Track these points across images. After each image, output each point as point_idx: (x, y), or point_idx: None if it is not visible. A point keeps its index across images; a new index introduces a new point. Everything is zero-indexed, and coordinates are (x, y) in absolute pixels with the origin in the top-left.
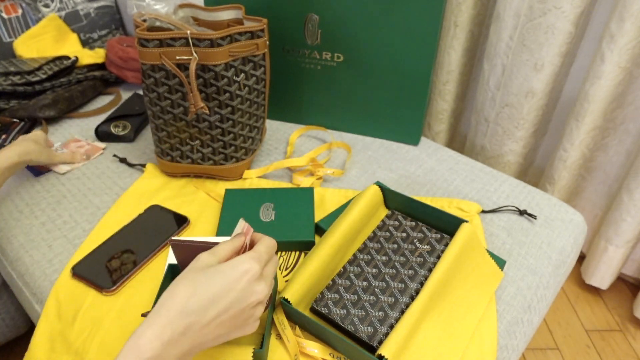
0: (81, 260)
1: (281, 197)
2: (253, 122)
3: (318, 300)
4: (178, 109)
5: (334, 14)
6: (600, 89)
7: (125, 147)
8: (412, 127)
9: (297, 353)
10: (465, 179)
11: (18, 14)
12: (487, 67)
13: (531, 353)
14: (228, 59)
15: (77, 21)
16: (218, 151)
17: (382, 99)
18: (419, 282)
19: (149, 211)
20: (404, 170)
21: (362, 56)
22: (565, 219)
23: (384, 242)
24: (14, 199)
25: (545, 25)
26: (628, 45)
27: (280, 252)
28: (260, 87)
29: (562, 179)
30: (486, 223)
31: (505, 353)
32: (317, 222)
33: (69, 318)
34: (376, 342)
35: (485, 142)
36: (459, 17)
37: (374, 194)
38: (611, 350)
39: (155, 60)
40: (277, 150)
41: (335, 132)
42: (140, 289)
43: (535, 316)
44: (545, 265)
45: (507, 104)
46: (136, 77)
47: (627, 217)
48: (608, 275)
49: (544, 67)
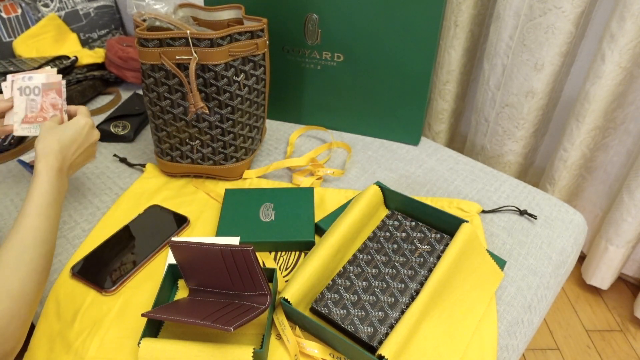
0: (81, 261)
1: (281, 197)
2: (253, 122)
3: (318, 300)
4: (178, 109)
5: (334, 14)
6: (601, 89)
7: (125, 147)
8: (412, 127)
9: (297, 353)
10: (465, 179)
11: (17, 14)
12: (487, 67)
13: (531, 353)
14: (228, 58)
15: (76, 21)
16: (218, 151)
17: (382, 99)
18: (419, 282)
19: (148, 211)
20: (404, 170)
21: (362, 56)
22: (565, 219)
23: (384, 242)
24: (14, 199)
25: (545, 25)
26: (629, 44)
27: (280, 252)
28: (260, 87)
29: (562, 179)
30: (486, 223)
31: (505, 353)
32: (317, 222)
33: (69, 318)
34: (376, 343)
35: (486, 142)
36: (459, 16)
37: (374, 194)
38: (612, 350)
39: (155, 60)
40: (277, 150)
41: (335, 132)
42: (140, 289)
43: (536, 316)
44: (546, 265)
45: (507, 104)
46: (136, 76)
47: (628, 217)
48: (608, 275)
49: (544, 67)
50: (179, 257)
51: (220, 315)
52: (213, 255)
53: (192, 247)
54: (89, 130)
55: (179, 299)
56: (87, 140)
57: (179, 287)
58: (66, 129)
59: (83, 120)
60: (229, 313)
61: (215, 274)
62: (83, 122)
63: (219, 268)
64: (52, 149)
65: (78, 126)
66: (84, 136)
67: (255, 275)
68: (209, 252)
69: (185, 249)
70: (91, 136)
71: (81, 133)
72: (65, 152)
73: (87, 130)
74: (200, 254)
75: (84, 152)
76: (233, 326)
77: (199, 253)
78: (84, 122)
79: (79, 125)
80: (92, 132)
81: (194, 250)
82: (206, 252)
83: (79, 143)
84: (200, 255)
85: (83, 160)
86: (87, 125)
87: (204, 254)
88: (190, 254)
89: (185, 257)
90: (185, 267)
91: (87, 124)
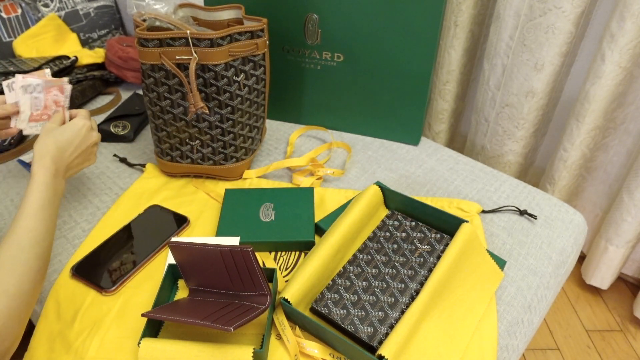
0: (81, 261)
1: (281, 197)
2: (253, 122)
3: (318, 300)
4: (178, 109)
5: (334, 13)
6: (601, 89)
7: (125, 147)
8: (412, 127)
9: (297, 353)
10: (465, 179)
11: (17, 14)
12: (487, 67)
13: (531, 353)
14: (228, 58)
15: (76, 21)
16: (218, 151)
17: (382, 99)
18: (419, 282)
19: (148, 211)
20: (404, 170)
21: (362, 56)
22: (565, 219)
23: (384, 242)
24: (14, 199)
25: (545, 25)
26: (629, 44)
27: (280, 252)
28: (260, 87)
29: (562, 179)
30: (486, 223)
31: (505, 353)
32: (317, 222)
33: (69, 318)
34: (376, 343)
35: (486, 142)
36: (459, 16)
37: (374, 194)
38: (612, 350)
39: (155, 60)
40: (277, 150)
41: (335, 132)
42: (140, 289)
43: (536, 316)
44: (546, 265)
45: (507, 104)
46: (136, 76)
47: (628, 217)
48: (608, 275)
49: (544, 67)
50: (179, 257)
51: (220, 315)
52: (212, 256)
53: (192, 247)
54: (86, 132)
55: (178, 299)
56: (85, 142)
57: (179, 287)
58: (64, 130)
59: (81, 122)
60: (229, 313)
61: (215, 274)
62: (81, 123)
63: (218, 268)
64: (48, 151)
65: (76, 128)
66: (81, 138)
67: (255, 275)
68: (209, 252)
69: (184, 250)
70: (89, 138)
71: (78, 134)
72: (61, 153)
73: (85, 132)
74: (199, 254)
75: (82, 154)
76: (233, 326)
77: (198, 253)
78: (82, 124)
79: (76, 127)
80: (90, 134)
81: (194, 250)
82: (206, 253)
83: (76, 145)
84: (199, 256)
85: (81, 163)
86: (85, 127)
87: (204, 254)
88: (189, 255)
89: (184, 257)
90: (185, 268)
91: (84, 125)
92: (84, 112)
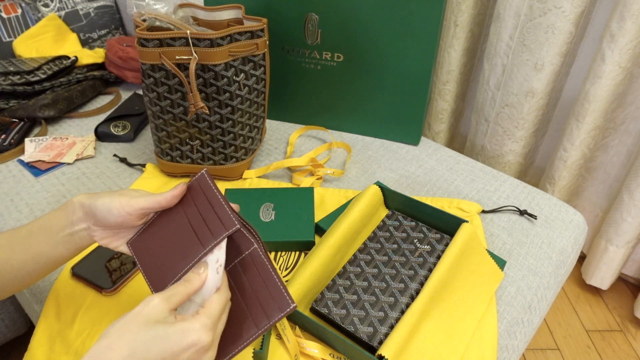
0: (81, 261)
1: (281, 197)
2: (253, 122)
3: (318, 300)
4: (178, 109)
5: (334, 14)
6: (601, 89)
7: (125, 147)
8: (412, 127)
9: (297, 353)
10: (465, 179)
11: (17, 14)
12: (487, 67)
13: (531, 353)
14: (228, 58)
15: (76, 21)
16: (218, 151)
17: (382, 99)
18: (419, 282)
19: None
20: (404, 170)
21: (362, 56)
22: (565, 219)
23: (384, 242)
24: (14, 199)
25: (545, 24)
26: (629, 44)
27: (280, 252)
28: (260, 87)
29: (562, 179)
30: (486, 223)
31: (505, 353)
32: (317, 222)
33: (69, 318)
34: (376, 343)
35: (486, 142)
36: (459, 16)
37: (374, 194)
38: (612, 350)
39: (155, 60)
40: (277, 150)
41: (335, 132)
42: (140, 289)
43: (536, 316)
44: (546, 265)
45: (507, 104)
46: (136, 76)
47: (628, 217)
48: (608, 275)
49: (544, 67)
50: (141, 256)
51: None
52: (176, 223)
53: (148, 230)
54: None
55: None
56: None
57: None
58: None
59: (195, 335)
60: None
61: (182, 243)
62: (194, 337)
63: (185, 230)
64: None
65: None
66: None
67: (218, 205)
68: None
69: (144, 242)
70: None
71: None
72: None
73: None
74: (160, 232)
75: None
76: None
77: (158, 234)
78: (196, 339)
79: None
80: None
81: (153, 233)
82: (165, 224)
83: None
84: (160, 236)
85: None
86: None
87: (165, 230)
88: (150, 242)
89: (146, 252)
90: (151, 265)
91: (199, 342)
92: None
